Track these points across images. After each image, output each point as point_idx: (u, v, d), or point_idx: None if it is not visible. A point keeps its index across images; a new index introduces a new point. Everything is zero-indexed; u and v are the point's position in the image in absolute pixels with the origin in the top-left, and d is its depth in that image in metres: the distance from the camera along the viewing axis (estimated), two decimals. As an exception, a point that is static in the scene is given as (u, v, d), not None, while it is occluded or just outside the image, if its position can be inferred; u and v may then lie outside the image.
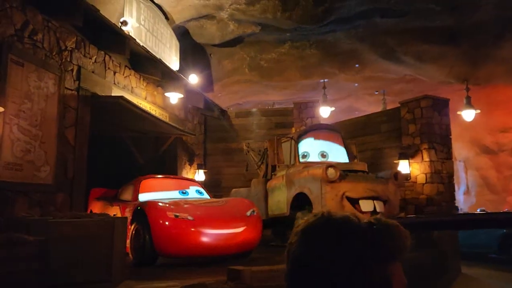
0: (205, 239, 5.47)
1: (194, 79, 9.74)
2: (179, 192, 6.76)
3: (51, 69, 5.34)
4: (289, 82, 12.37)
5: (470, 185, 16.74)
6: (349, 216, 0.87)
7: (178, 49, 9.07)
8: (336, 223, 0.86)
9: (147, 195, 6.33)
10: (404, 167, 8.53)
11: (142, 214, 5.52)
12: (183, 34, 9.50)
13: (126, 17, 6.91)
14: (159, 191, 6.59)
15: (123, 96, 6.32)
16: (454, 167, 10.01)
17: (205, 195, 7.08)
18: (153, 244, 5.36)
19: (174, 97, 8.34)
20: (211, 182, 10.25)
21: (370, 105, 14.42)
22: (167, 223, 5.36)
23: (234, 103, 14.13)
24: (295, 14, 8.45)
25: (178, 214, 5.43)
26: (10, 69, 4.64)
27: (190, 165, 10.03)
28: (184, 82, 8.61)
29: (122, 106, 6.22)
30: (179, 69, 8.88)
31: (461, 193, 16.59)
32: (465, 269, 8.63)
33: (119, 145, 8.36)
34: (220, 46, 10.15)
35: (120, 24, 6.71)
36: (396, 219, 0.96)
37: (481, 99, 11.47)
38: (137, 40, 6.85)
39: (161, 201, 5.84)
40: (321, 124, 9.60)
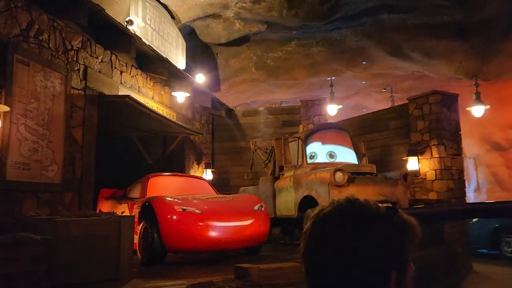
0: (212, 233, 5.46)
1: (201, 78, 9.74)
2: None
3: (57, 69, 5.35)
4: (296, 81, 12.32)
5: (480, 182, 16.55)
6: (368, 201, 0.89)
7: (185, 48, 9.07)
8: (356, 206, 0.88)
9: (155, 192, 6.34)
10: (413, 164, 8.44)
11: (150, 210, 5.52)
12: (189, 34, 9.50)
13: (132, 17, 6.92)
14: (166, 188, 6.59)
15: (129, 95, 6.33)
16: (464, 164, 9.89)
17: (213, 192, 7.07)
18: (161, 239, 5.35)
19: (181, 96, 8.34)
20: (219, 181, 10.24)
21: (378, 103, 14.32)
22: (174, 217, 5.35)
23: (241, 102, 14.12)
24: (301, 12, 8.41)
25: (185, 207, 5.43)
26: (16, 68, 4.66)
27: (198, 164, 10.02)
28: (191, 82, 8.60)
29: (128, 105, 6.23)
30: (185, 68, 8.88)
31: (472, 190, 16.41)
32: (476, 267, 8.52)
33: (128, 145, 8.39)
34: (227, 45, 10.13)
35: (125, 24, 6.72)
36: (405, 209, 0.96)
37: (491, 95, 11.32)
38: (143, 40, 6.85)
39: (168, 196, 5.85)
40: (329, 123, 9.53)
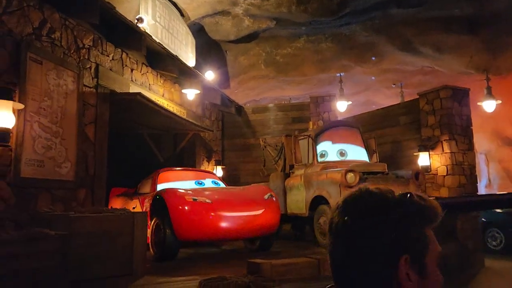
0: (223, 222, 5.49)
1: (210, 75, 9.77)
2: (196, 183, 6.80)
3: (70, 67, 5.40)
4: (305, 77, 12.30)
5: (492, 178, 16.40)
6: (386, 189, 0.92)
7: (194, 46, 9.09)
8: (376, 194, 0.90)
9: (165, 186, 6.38)
10: (424, 159, 8.40)
11: (161, 202, 5.56)
12: (198, 31, 9.52)
13: (142, 14, 6.96)
14: (176, 181, 6.64)
15: (140, 92, 6.37)
16: (475, 160, 9.81)
17: (222, 185, 7.10)
18: (173, 231, 5.39)
19: (191, 93, 8.37)
20: (229, 178, 10.27)
21: (388, 99, 14.25)
22: (186, 207, 5.40)
23: (250, 99, 14.13)
24: (310, 7, 8.39)
25: (196, 197, 5.48)
26: (29, 67, 4.71)
27: (208, 161, 10.06)
28: (201, 79, 8.63)
29: (139, 102, 6.27)
30: (195, 66, 8.91)
31: (483, 186, 16.27)
32: (488, 263, 8.47)
33: (139, 143, 8.45)
34: (236, 42, 10.15)
35: (136, 21, 6.75)
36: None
37: (502, 89, 11.21)
38: (153, 37, 6.89)
39: (179, 188, 5.89)
40: (339, 121, 9.49)
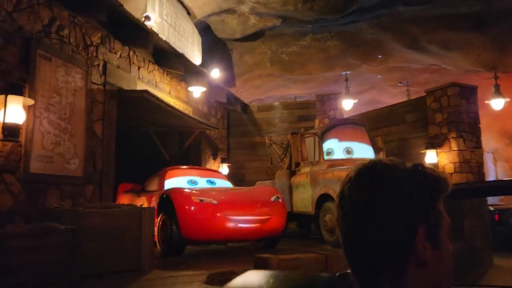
0: (229, 223, 5.51)
1: (216, 74, 9.79)
2: (204, 181, 6.83)
3: (78, 64, 5.45)
4: (311, 75, 12.28)
5: (499, 177, 16.29)
6: (397, 160, 0.91)
7: (200, 44, 9.12)
8: (390, 165, 0.89)
9: (173, 184, 6.41)
10: (432, 157, 8.37)
11: (168, 201, 5.59)
12: (204, 29, 9.55)
13: (149, 12, 6.99)
14: (183, 180, 6.67)
15: (147, 90, 6.41)
16: (483, 158, 9.75)
17: (229, 185, 7.12)
18: (179, 230, 5.42)
19: (197, 91, 8.40)
20: (235, 176, 10.29)
21: (394, 97, 14.18)
22: (192, 207, 5.42)
23: (256, 97, 14.14)
24: (316, 5, 8.38)
25: (203, 198, 5.50)
26: (38, 63, 4.76)
27: (214, 159, 10.09)
28: (207, 77, 8.66)
29: (146, 100, 6.31)
30: (201, 64, 8.94)
31: (490, 185, 16.16)
32: (497, 261, 8.41)
33: (145, 141, 8.49)
34: (241, 40, 10.16)
35: (143, 19, 6.79)
36: None
37: (510, 88, 11.12)
38: (160, 35, 6.92)
39: (186, 187, 5.92)
40: (345, 119, 9.47)
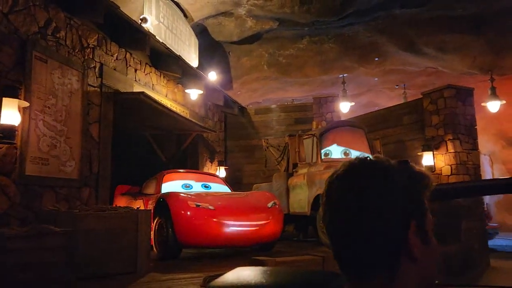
0: (226, 229, 5.49)
1: (213, 76, 9.79)
2: (200, 185, 6.81)
3: (74, 66, 5.43)
4: (308, 78, 12.29)
5: (496, 179, 16.33)
6: (383, 157, 0.91)
7: (197, 46, 9.12)
8: (377, 161, 0.89)
9: (169, 188, 6.39)
10: (428, 159, 8.38)
11: (164, 205, 5.57)
12: (201, 32, 9.55)
13: (145, 15, 6.98)
14: (181, 183, 6.65)
15: (143, 92, 6.40)
16: (480, 160, 9.78)
17: (227, 189, 7.10)
18: (175, 234, 5.40)
19: (194, 93, 8.39)
20: (232, 178, 10.27)
21: (390, 100, 14.22)
22: (188, 212, 5.41)
23: (253, 100, 14.13)
24: (313, 7, 8.40)
25: (199, 203, 5.48)
26: (34, 65, 4.74)
27: (211, 162, 10.07)
28: (204, 80, 8.65)
29: (143, 102, 6.30)
30: (198, 67, 8.93)
31: (487, 187, 16.19)
32: (494, 263, 8.42)
33: (142, 143, 8.48)
34: (239, 43, 10.16)
35: (140, 21, 6.78)
36: None
37: (507, 90, 11.16)
38: (157, 37, 6.91)
39: (182, 192, 5.90)
40: (344, 121, 9.48)
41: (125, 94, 6.38)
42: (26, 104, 4.49)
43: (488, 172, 16.24)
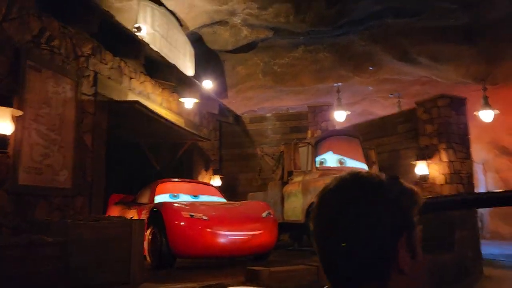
0: (220, 239, 5.47)
1: (208, 85, 9.81)
2: (193, 196, 6.79)
3: (68, 75, 5.42)
4: (303, 87, 12.34)
5: (489, 187, 16.40)
6: (373, 172, 0.94)
7: (193, 55, 9.14)
8: (368, 177, 0.91)
9: (163, 197, 6.37)
10: (422, 168, 8.41)
11: (158, 215, 5.55)
12: (197, 41, 9.57)
13: (140, 24, 7.00)
14: (175, 193, 6.63)
15: (138, 101, 6.39)
16: (473, 169, 9.82)
17: (221, 199, 7.09)
18: (169, 244, 5.37)
19: (189, 102, 8.39)
20: (227, 187, 10.24)
21: (385, 109, 14.29)
22: (182, 223, 5.38)
23: (248, 109, 14.15)
24: (308, 17, 8.45)
25: (193, 214, 5.46)
26: (28, 74, 4.73)
27: (206, 170, 10.05)
28: (199, 88, 8.66)
29: (138, 111, 6.29)
30: (193, 75, 8.95)
31: (481, 196, 16.25)
32: (487, 272, 8.42)
33: (137, 152, 8.45)
34: (234, 52, 10.19)
35: (134, 30, 6.80)
36: None
37: (499, 99, 11.24)
38: (151, 46, 6.93)
39: (176, 202, 5.88)
40: (339, 130, 9.53)
41: (120, 103, 6.38)
42: (20, 113, 4.47)
43: (482, 180, 16.31)
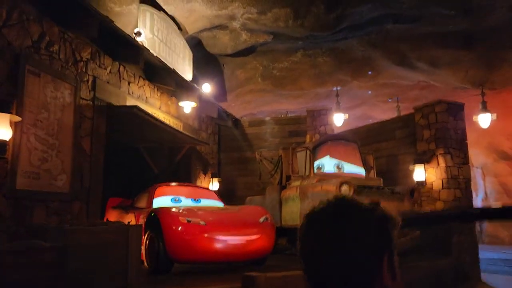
0: (217, 244, 5.47)
1: (207, 89, 9.83)
2: (192, 200, 6.80)
3: (67, 80, 5.44)
4: (302, 91, 12.38)
5: (488, 192, 16.43)
6: (354, 198, 1.00)
7: (192, 59, 9.17)
8: (353, 199, 0.98)
9: (161, 202, 6.38)
10: (420, 173, 8.43)
11: (156, 220, 5.56)
12: (196, 45, 9.60)
13: (140, 28, 7.02)
14: (173, 197, 6.64)
15: (137, 105, 6.41)
16: (472, 174, 9.84)
17: (219, 203, 7.10)
18: (166, 250, 5.38)
19: (187, 106, 8.41)
20: (225, 191, 10.26)
21: (384, 113, 14.33)
22: (179, 228, 5.39)
23: (247, 112, 14.18)
24: (307, 22, 8.48)
25: (190, 219, 5.46)
26: (27, 79, 4.75)
27: (205, 174, 10.06)
28: (198, 92, 8.68)
29: (136, 115, 6.31)
30: (192, 79, 8.97)
31: (479, 200, 16.29)
32: (484, 277, 8.44)
33: (135, 155, 8.46)
34: (233, 56, 10.22)
35: (134, 35, 6.82)
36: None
37: (498, 104, 11.29)
38: (151, 51, 6.95)
39: (174, 207, 5.89)
40: (338, 135, 9.54)
41: (118, 107, 6.40)
42: (18, 119, 4.49)
43: (481, 185, 16.33)
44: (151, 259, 5.70)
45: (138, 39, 6.84)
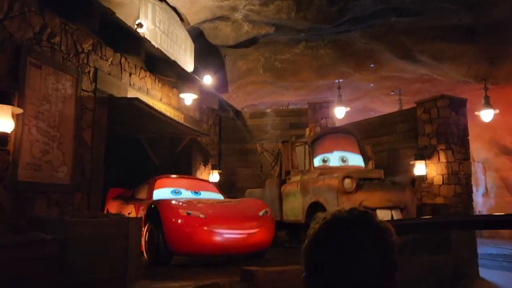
0: (216, 237, 5.51)
1: (208, 80, 9.80)
2: (192, 193, 6.83)
3: (69, 71, 5.43)
4: (303, 83, 12.34)
5: (489, 186, 16.44)
6: (367, 211, 1.03)
7: (193, 50, 9.13)
8: (358, 215, 1.01)
9: (161, 194, 6.40)
10: (420, 168, 8.44)
11: (155, 212, 5.59)
12: (198, 36, 9.56)
13: (141, 20, 6.99)
14: (173, 189, 6.66)
15: (138, 97, 6.41)
16: (473, 169, 9.85)
17: (219, 196, 7.12)
18: (166, 242, 5.42)
19: (189, 98, 8.40)
20: (225, 182, 10.29)
21: (386, 106, 14.30)
22: (179, 220, 5.42)
23: (248, 104, 14.16)
24: (309, 14, 8.43)
25: (190, 211, 5.49)
26: (28, 71, 4.74)
27: (205, 166, 10.08)
28: (199, 84, 8.66)
29: (137, 107, 6.31)
30: (194, 70, 8.95)
31: (480, 195, 16.30)
32: (483, 273, 8.49)
33: (136, 147, 8.48)
34: (235, 47, 10.18)
35: (135, 27, 6.79)
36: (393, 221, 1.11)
37: (500, 99, 11.26)
38: (152, 42, 6.92)
39: (174, 199, 5.92)
40: (335, 128, 9.52)
41: (119, 99, 6.39)
42: (20, 111, 4.49)
43: (481, 179, 16.34)
44: (150, 251, 5.74)
45: (139, 30, 6.82)
